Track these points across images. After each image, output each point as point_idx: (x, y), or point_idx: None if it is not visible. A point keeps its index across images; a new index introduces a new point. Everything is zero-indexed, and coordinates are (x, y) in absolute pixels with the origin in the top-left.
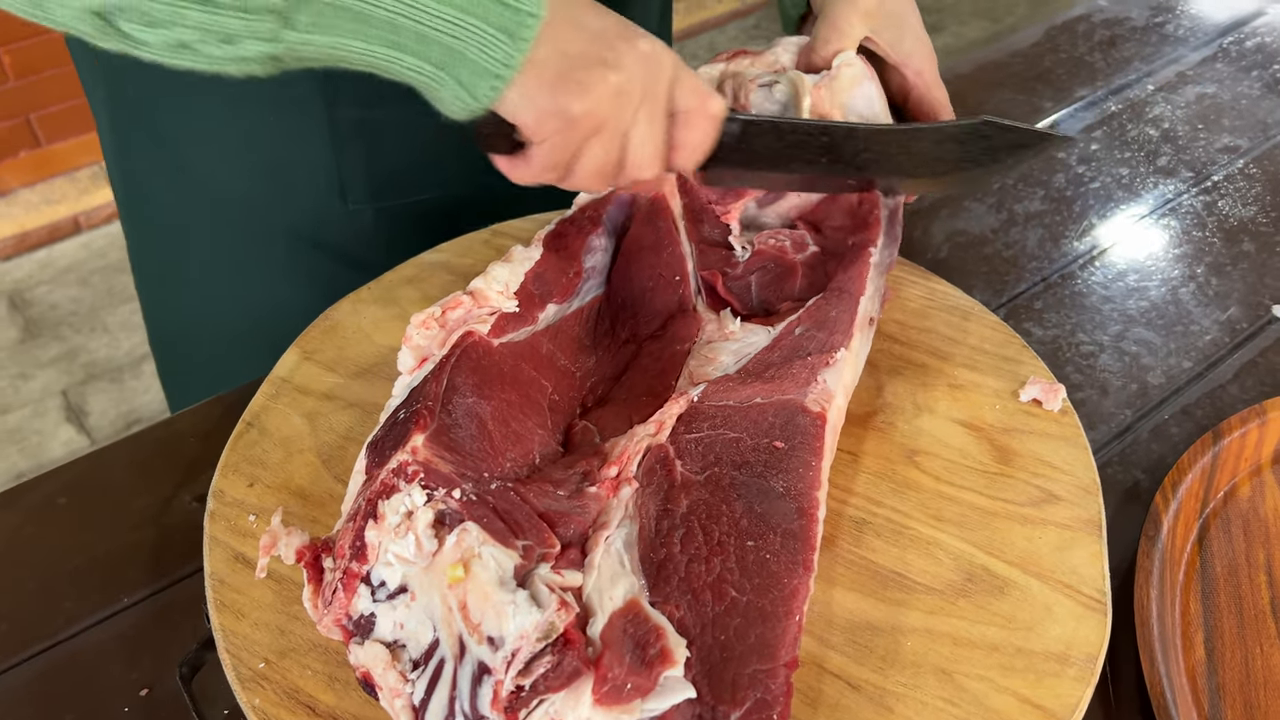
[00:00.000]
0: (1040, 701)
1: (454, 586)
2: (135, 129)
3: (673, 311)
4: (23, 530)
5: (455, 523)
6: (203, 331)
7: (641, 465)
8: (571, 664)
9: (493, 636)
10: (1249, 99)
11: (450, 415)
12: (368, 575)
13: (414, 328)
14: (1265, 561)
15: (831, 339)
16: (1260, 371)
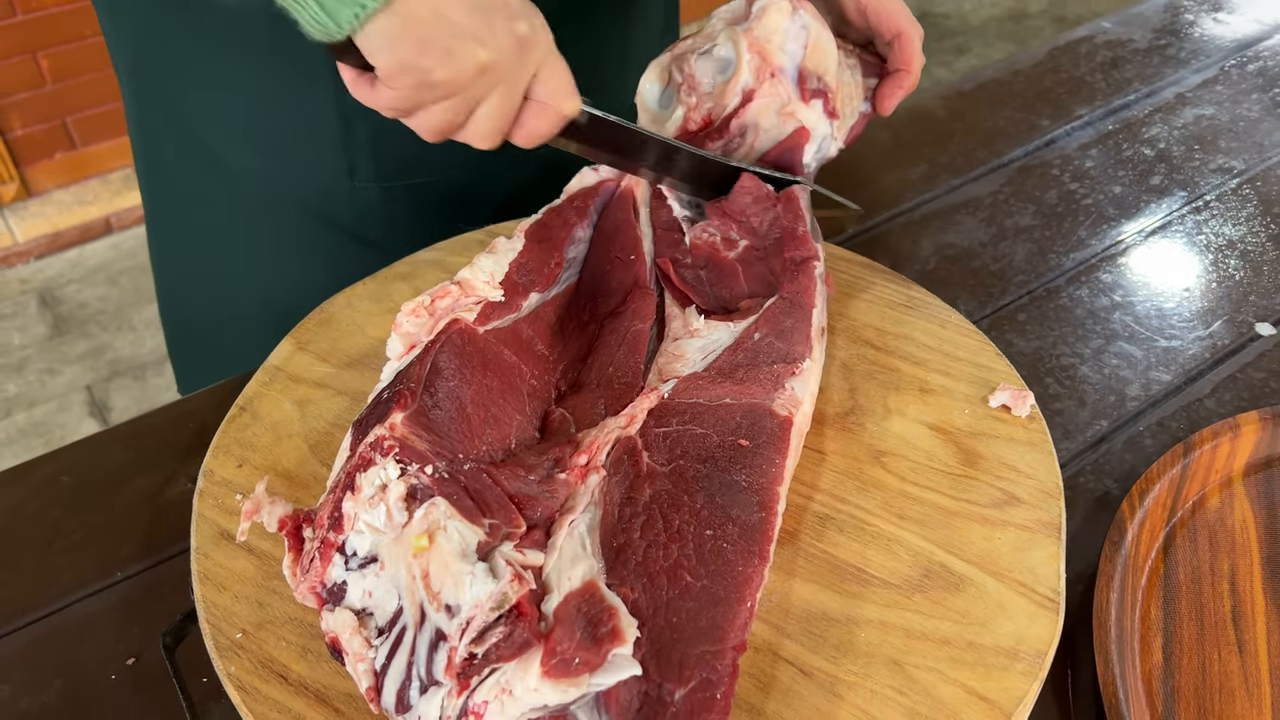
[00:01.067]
0: (986, 694)
1: (418, 556)
2: (155, 101)
3: (628, 289)
4: (26, 506)
5: (425, 497)
6: (211, 303)
7: (610, 455)
8: (522, 635)
9: (450, 605)
10: (1247, 121)
11: (432, 397)
12: (343, 545)
13: (404, 315)
14: (1229, 571)
15: (793, 349)
16: (1239, 386)
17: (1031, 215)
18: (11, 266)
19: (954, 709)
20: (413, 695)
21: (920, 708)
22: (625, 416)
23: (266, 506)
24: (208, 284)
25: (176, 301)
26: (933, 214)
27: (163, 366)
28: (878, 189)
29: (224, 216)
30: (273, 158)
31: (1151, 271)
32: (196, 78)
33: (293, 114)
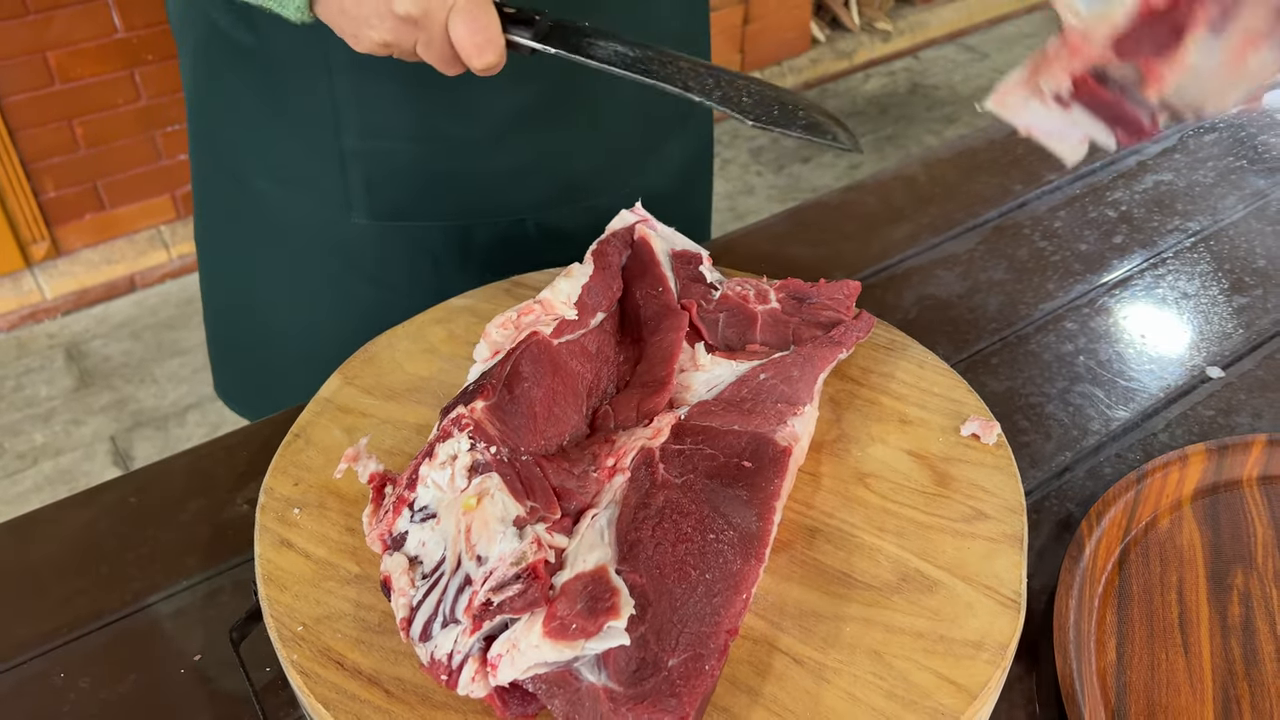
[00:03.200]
0: (955, 679)
1: (466, 514)
2: (203, 129)
3: (662, 314)
4: (99, 523)
5: (484, 471)
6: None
7: (633, 462)
8: (533, 594)
9: (481, 556)
10: (1202, 186)
11: (509, 394)
12: (413, 501)
13: (493, 326)
14: (1177, 583)
15: (797, 393)
16: (1189, 422)
17: (1004, 270)
18: (40, 322)
19: (926, 690)
20: (435, 628)
21: (897, 690)
22: (652, 429)
23: (364, 459)
24: (238, 284)
25: (217, 305)
26: (914, 269)
27: (184, 418)
28: (865, 246)
29: (249, 230)
30: (286, 186)
31: (1113, 321)
32: (234, 110)
33: (303, 149)
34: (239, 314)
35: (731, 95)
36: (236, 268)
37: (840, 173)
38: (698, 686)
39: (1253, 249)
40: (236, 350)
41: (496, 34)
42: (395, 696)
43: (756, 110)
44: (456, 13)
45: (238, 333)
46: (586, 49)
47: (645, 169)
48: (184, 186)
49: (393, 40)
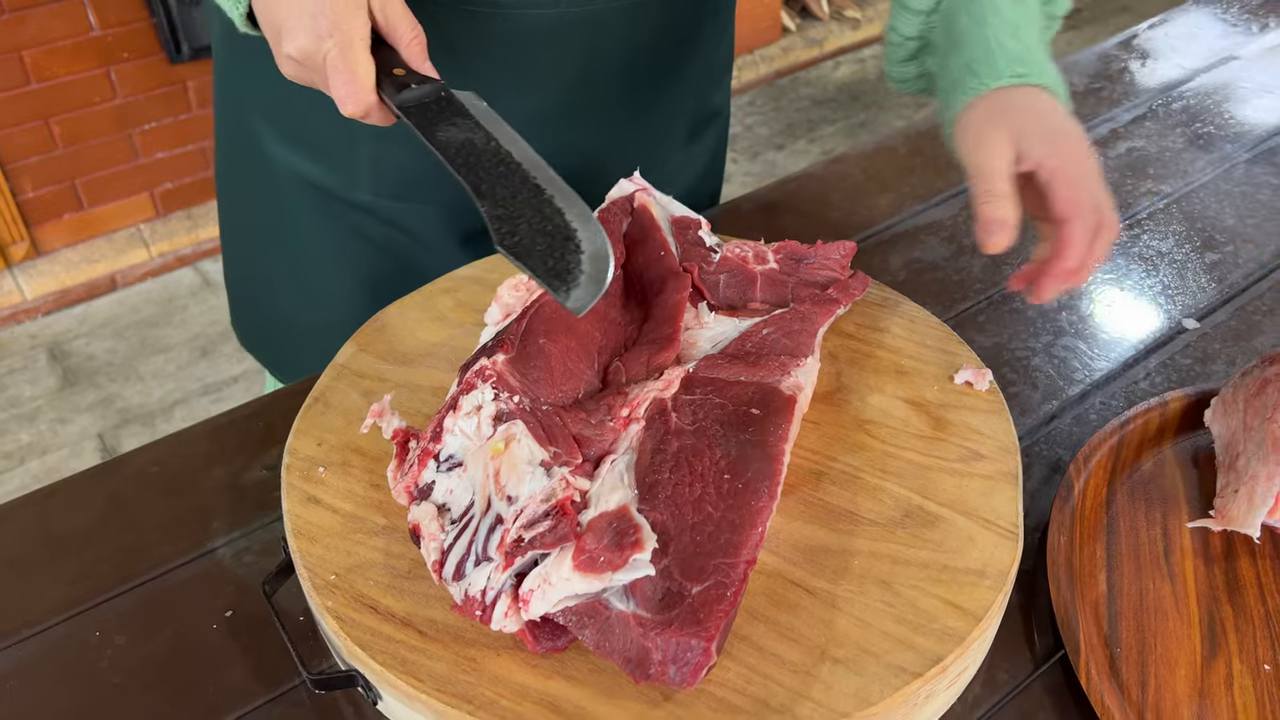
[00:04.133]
0: (960, 603)
1: (494, 457)
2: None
3: (666, 276)
4: (122, 492)
5: (508, 419)
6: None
7: (647, 411)
8: (563, 529)
9: (512, 496)
10: (1172, 151)
11: (525, 350)
12: (438, 453)
13: (505, 289)
14: (1161, 519)
15: (799, 346)
16: (1169, 371)
17: None
18: (21, 323)
19: (933, 615)
20: (468, 567)
21: (906, 615)
22: (663, 381)
23: (388, 415)
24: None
25: (233, 255)
26: (900, 235)
27: (171, 413)
28: (851, 215)
29: (262, 192)
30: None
31: (1093, 279)
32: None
33: (323, 121)
34: (248, 260)
35: (509, 219)
36: (250, 226)
37: (814, 158)
38: (721, 611)
39: (1222, 209)
40: (251, 300)
41: (362, 88)
42: (429, 636)
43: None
44: (329, 62)
45: (249, 280)
46: (432, 129)
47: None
48: (163, 184)
49: (291, 75)
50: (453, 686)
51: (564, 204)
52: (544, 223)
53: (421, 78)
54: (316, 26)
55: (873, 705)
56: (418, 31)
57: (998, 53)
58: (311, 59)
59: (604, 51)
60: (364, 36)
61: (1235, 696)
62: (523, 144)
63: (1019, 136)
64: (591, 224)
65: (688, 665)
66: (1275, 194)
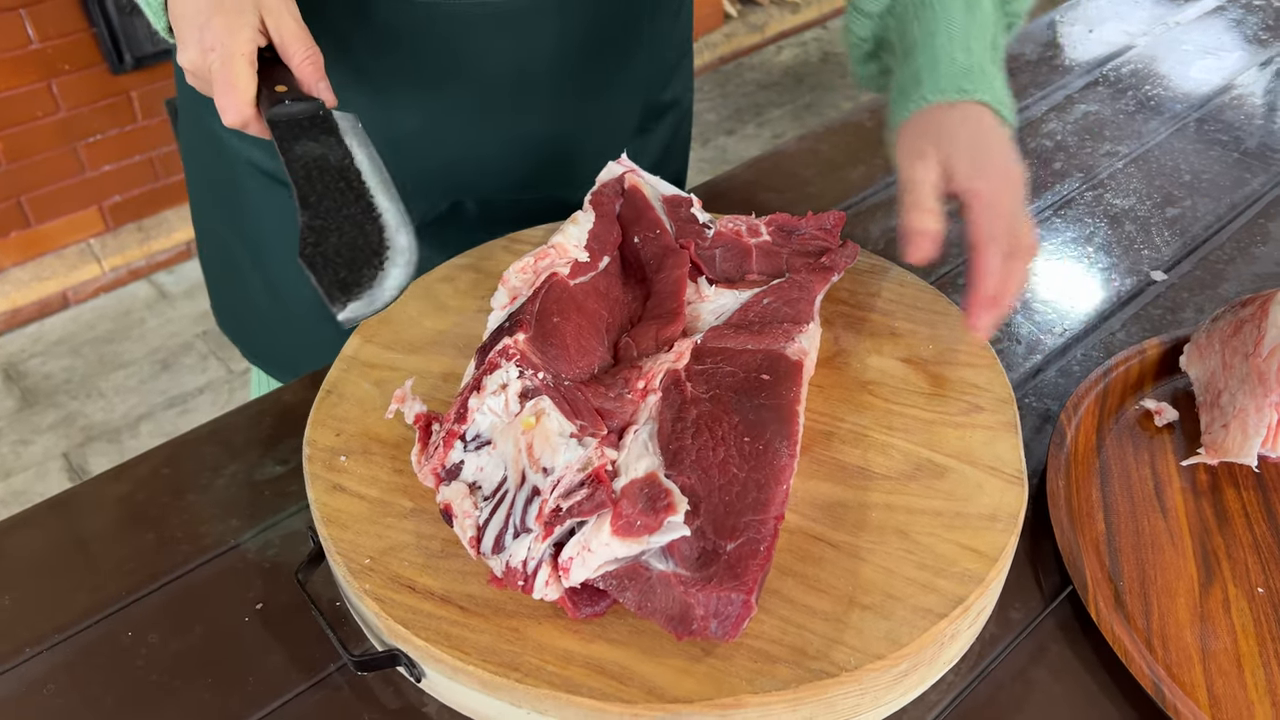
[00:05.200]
0: (975, 547)
1: (526, 432)
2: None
3: (663, 253)
4: (135, 496)
5: (535, 395)
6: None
7: (662, 382)
8: (600, 496)
9: (547, 467)
10: (1125, 114)
11: (541, 329)
12: (464, 433)
13: (512, 272)
14: (1150, 460)
15: (799, 314)
16: (1142, 321)
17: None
18: None
19: (951, 559)
20: (507, 539)
21: (926, 560)
22: (675, 353)
23: (409, 401)
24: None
25: (203, 241)
26: (877, 205)
27: (137, 428)
28: (827, 188)
29: (228, 192)
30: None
31: (1062, 238)
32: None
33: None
34: (219, 248)
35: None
36: (215, 215)
37: (765, 142)
38: (757, 565)
39: (1178, 166)
40: (223, 281)
41: (240, 100)
42: (470, 611)
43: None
44: (213, 74)
45: (222, 266)
46: (291, 143)
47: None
48: (111, 197)
49: (191, 83)
50: (498, 656)
51: (391, 222)
52: (357, 238)
53: (302, 96)
54: (203, 40)
55: (904, 646)
56: (311, 52)
57: (944, 65)
58: (199, 71)
59: (543, 41)
60: (245, 53)
61: (1234, 619)
62: (382, 169)
63: (947, 156)
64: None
65: (729, 618)
66: (1225, 150)
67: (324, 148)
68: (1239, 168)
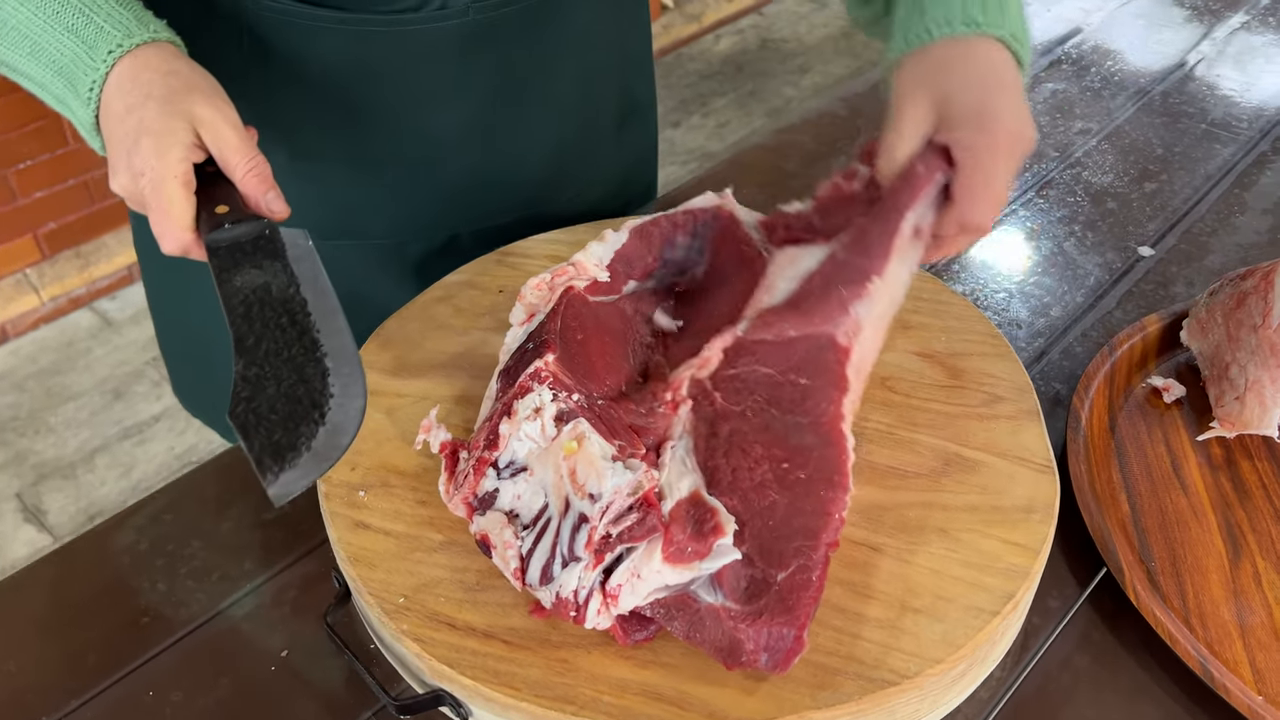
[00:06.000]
0: (1017, 540)
1: (568, 457)
2: None
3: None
4: (138, 545)
5: (571, 418)
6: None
7: (689, 391)
8: (651, 521)
9: (593, 493)
10: (1091, 90)
11: (565, 348)
12: (496, 460)
13: (528, 288)
14: (1163, 437)
15: (870, 264)
16: (1136, 297)
17: None
18: None
19: (996, 554)
20: (555, 569)
21: (970, 558)
22: (700, 359)
23: (435, 430)
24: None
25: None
26: None
27: (92, 462)
28: (811, 182)
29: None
30: None
31: (1048, 218)
32: None
33: None
34: (182, 325)
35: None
36: (174, 282)
37: (709, 133)
38: (808, 598)
39: (1149, 140)
40: (187, 360)
41: (175, 226)
42: (515, 645)
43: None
44: (146, 199)
45: (185, 344)
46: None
47: (587, 175)
48: (46, 225)
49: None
50: (551, 690)
51: (335, 364)
52: (296, 387)
53: (244, 216)
54: (131, 164)
55: (960, 648)
56: (254, 164)
57: None
58: (132, 196)
59: (516, 55)
60: (178, 174)
61: (1266, 592)
62: (331, 295)
63: (946, 104)
64: (353, 389)
65: (779, 652)
66: (1193, 121)
67: (267, 275)
68: (1208, 139)
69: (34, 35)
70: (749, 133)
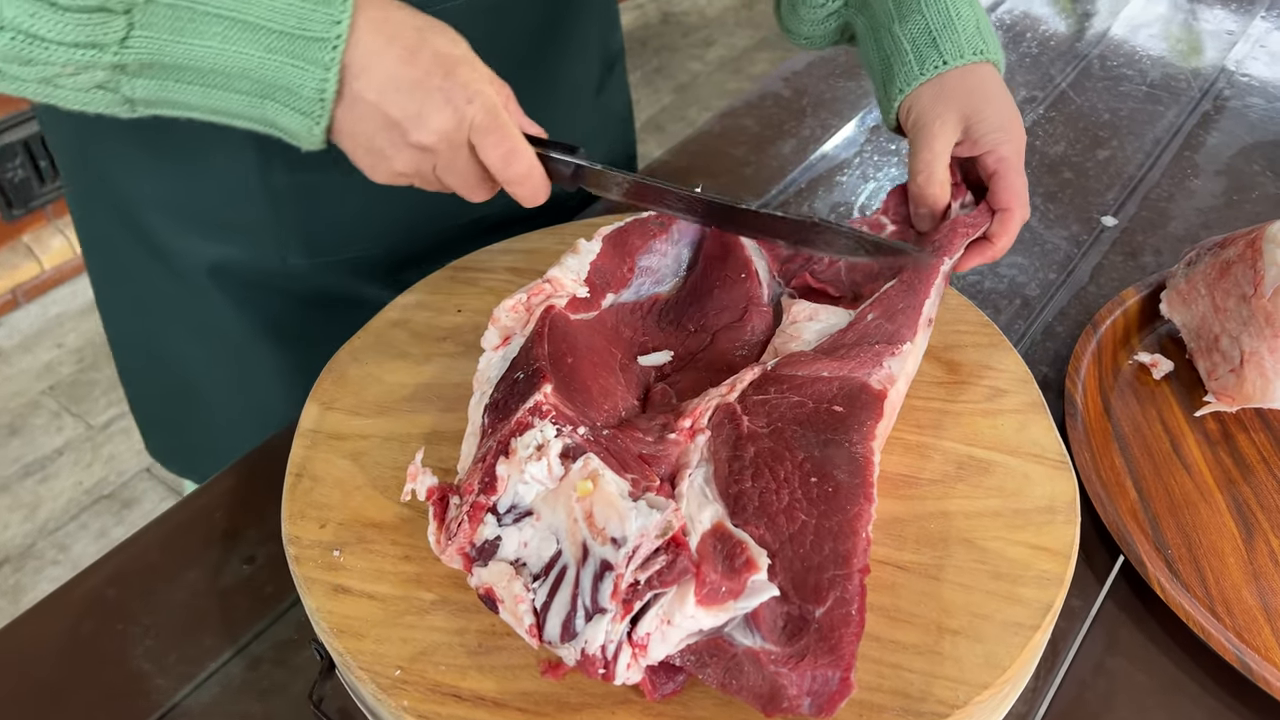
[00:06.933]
0: (1044, 545)
1: (583, 499)
2: (89, 178)
3: (742, 305)
4: (79, 629)
5: (578, 454)
6: (161, 366)
7: (711, 419)
8: (683, 562)
9: (615, 537)
10: (1030, 57)
11: (558, 374)
12: (494, 505)
13: (502, 311)
14: (1158, 415)
15: (899, 332)
16: (1108, 269)
17: (896, 166)
18: None
19: (1025, 563)
20: (578, 624)
21: (1000, 568)
22: (726, 385)
23: (420, 476)
24: (155, 346)
25: (131, 373)
26: (816, 180)
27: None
28: (762, 168)
29: (159, 288)
30: (202, 236)
31: None
32: (127, 153)
33: (224, 194)
34: (157, 373)
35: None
36: (147, 328)
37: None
38: (851, 635)
39: (1095, 106)
40: (162, 411)
41: (522, 143)
42: (531, 712)
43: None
44: (477, 129)
45: (159, 392)
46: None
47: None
48: None
49: (410, 170)
50: None
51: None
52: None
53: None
54: (452, 99)
55: (1005, 669)
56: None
57: (958, 26)
58: (450, 138)
59: (507, 29)
60: (508, 94)
61: None
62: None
63: (972, 120)
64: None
65: (824, 696)
66: (1133, 84)
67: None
68: (1150, 101)
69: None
70: (658, 110)
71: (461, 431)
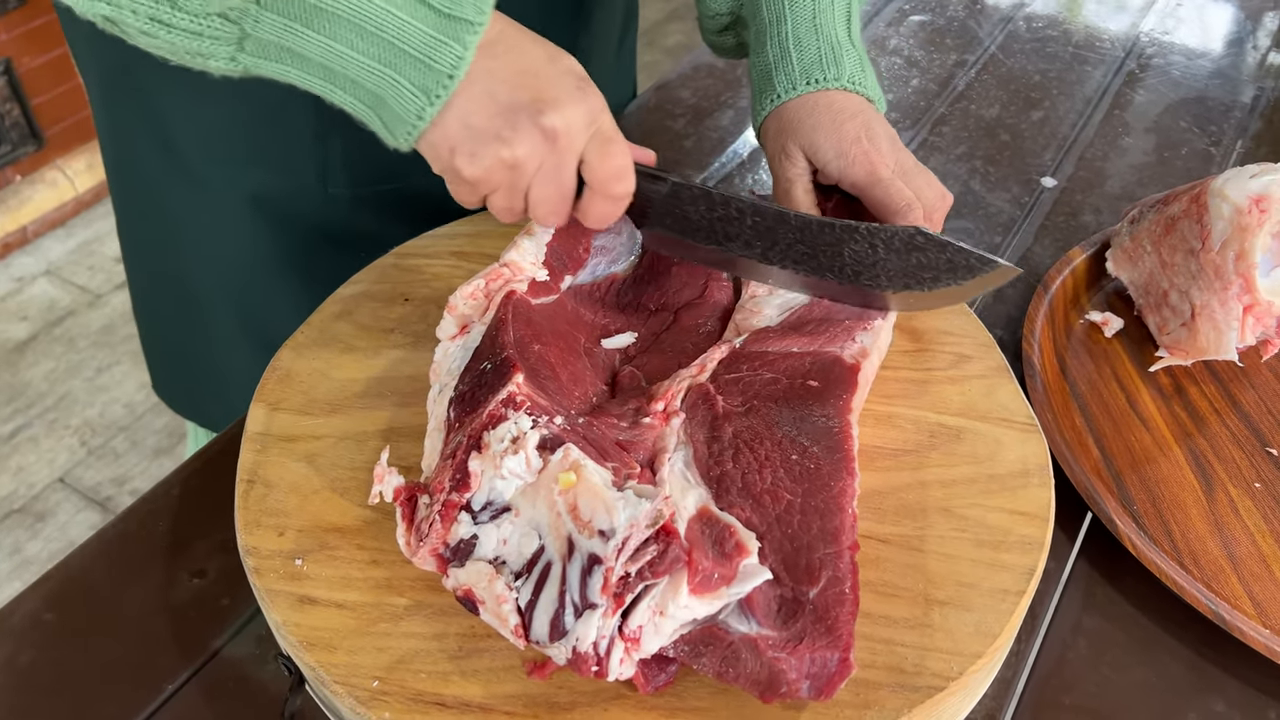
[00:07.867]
0: (1022, 509)
1: (566, 492)
2: (125, 101)
3: (704, 280)
4: (17, 659)
5: (556, 445)
6: (179, 303)
7: (685, 401)
8: (675, 551)
9: (603, 530)
10: (958, 20)
11: (526, 362)
12: (468, 502)
13: (460, 298)
14: (1112, 373)
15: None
16: (1052, 230)
17: None
18: None
19: (1006, 528)
20: (567, 621)
21: (981, 535)
22: (696, 366)
23: (387, 477)
24: (175, 285)
25: (148, 302)
26: (757, 151)
27: None
28: (703, 139)
29: (189, 214)
30: (243, 163)
31: (948, 156)
32: (170, 79)
33: (269, 122)
34: (173, 308)
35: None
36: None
37: None
38: (847, 614)
39: (1025, 67)
40: (174, 350)
41: (630, 164)
42: (519, 715)
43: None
44: (597, 137)
45: (173, 330)
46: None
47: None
48: None
49: (522, 157)
50: None
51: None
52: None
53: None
54: (587, 98)
55: (996, 637)
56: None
57: (794, 57)
58: (573, 133)
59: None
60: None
61: (1244, 519)
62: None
63: (809, 153)
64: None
65: (823, 678)
66: (1060, 45)
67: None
68: (1078, 61)
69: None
70: None
71: (421, 427)
